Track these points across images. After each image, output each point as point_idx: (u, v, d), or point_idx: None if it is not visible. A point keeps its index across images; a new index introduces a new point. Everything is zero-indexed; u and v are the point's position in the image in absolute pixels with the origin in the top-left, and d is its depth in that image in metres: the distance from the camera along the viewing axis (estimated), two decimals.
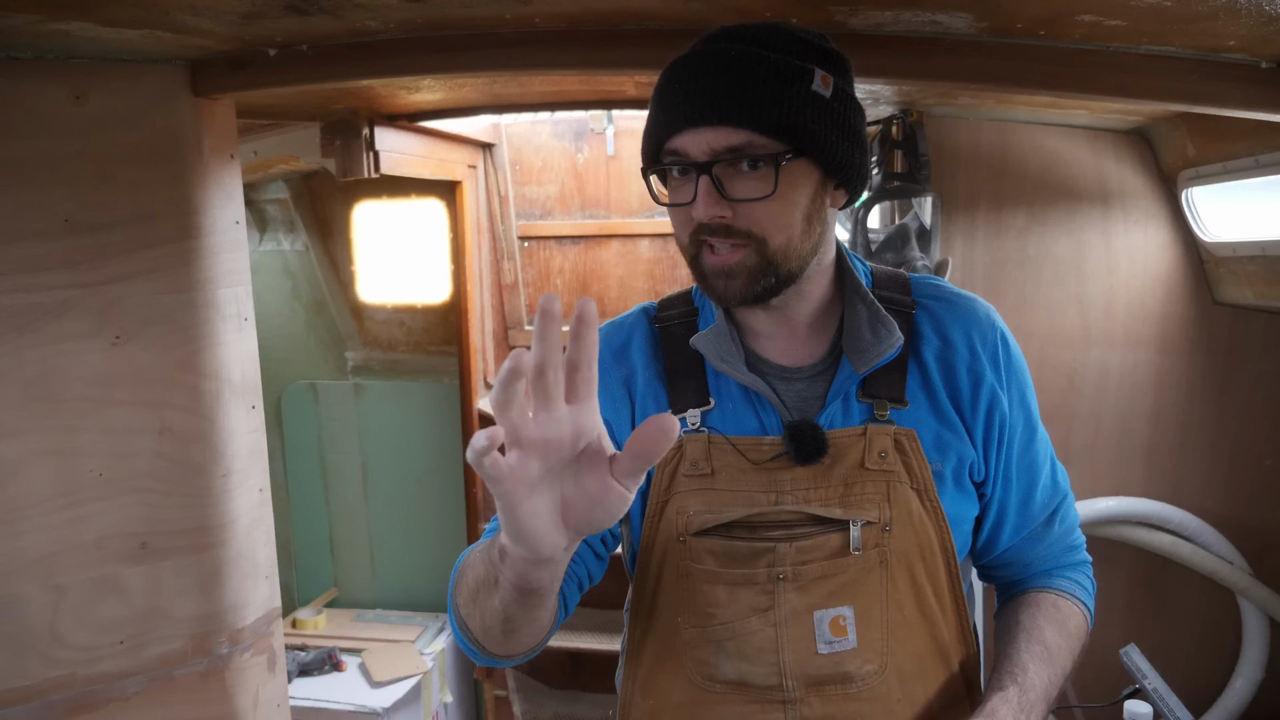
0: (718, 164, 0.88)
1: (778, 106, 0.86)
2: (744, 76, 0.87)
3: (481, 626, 0.88)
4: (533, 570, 0.71)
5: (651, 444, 0.60)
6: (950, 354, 1.00)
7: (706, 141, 0.88)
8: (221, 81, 1.50)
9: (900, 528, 0.96)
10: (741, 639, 0.97)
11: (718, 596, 0.98)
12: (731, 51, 0.88)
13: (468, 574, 0.89)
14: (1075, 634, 1.04)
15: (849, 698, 0.96)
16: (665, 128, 0.90)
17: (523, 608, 0.80)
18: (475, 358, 3.22)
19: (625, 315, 1.10)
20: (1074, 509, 1.11)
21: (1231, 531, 2.10)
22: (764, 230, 0.89)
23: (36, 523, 1.43)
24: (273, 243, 3.45)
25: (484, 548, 0.84)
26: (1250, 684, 2.10)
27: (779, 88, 0.87)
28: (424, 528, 3.48)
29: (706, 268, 0.92)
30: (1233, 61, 1.18)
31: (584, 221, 3.28)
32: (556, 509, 0.64)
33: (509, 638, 0.87)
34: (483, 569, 0.83)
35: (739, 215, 0.89)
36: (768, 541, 0.97)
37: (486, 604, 0.83)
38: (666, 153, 0.91)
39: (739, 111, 0.86)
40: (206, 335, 1.58)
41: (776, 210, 0.89)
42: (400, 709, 2.88)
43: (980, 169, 2.12)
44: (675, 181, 0.93)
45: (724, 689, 0.99)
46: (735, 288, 0.91)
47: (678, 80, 0.90)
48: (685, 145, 0.89)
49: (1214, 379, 2.10)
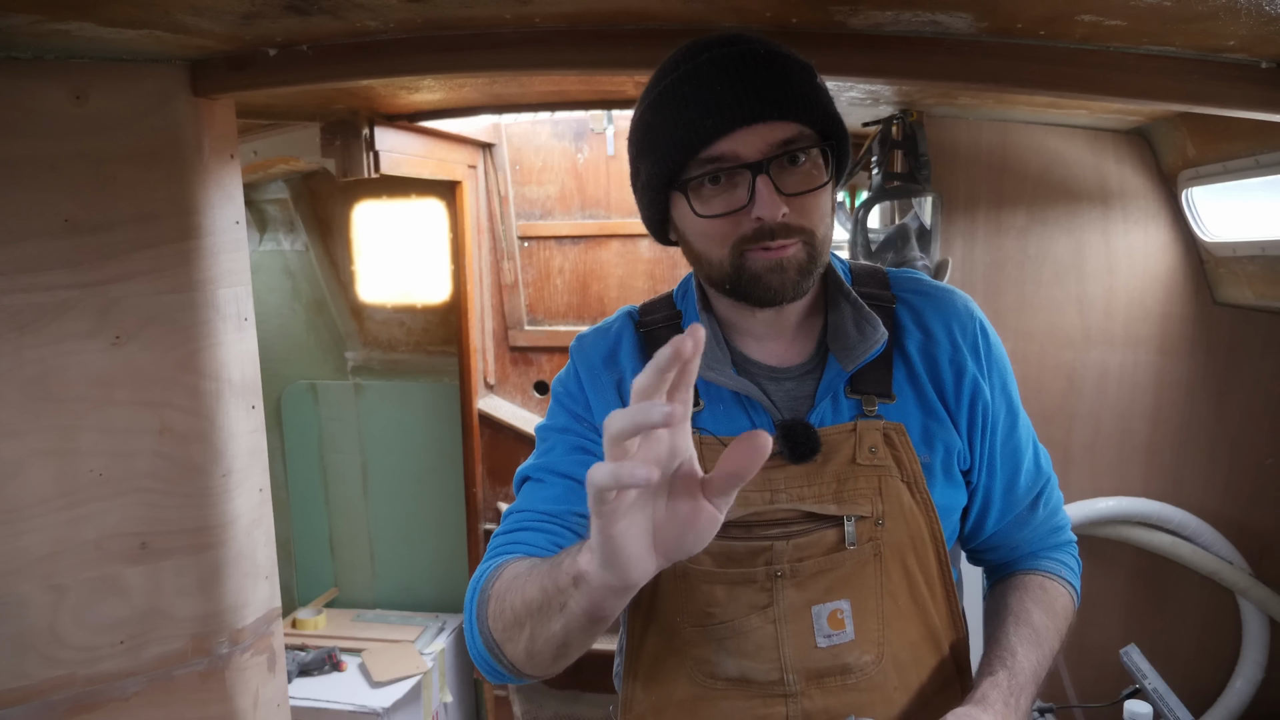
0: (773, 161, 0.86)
1: (816, 97, 0.88)
2: (785, 68, 0.87)
3: (528, 651, 0.83)
4: (612, 598, 0.69)
5: (746, 461, 0.60)
6: (932, 346, 1.01)
7: (761, 138, 0.86)
8: (221, 81, 1.50)
9: (892, 520, 0.98)
10: (742, 636, 0.98)
11: (717, 596, 0.99)
12: (759, 50, 0.87)
13: (510, 597, 0.84)
14: (1062, 613, 1.07)
15: (848, 688, 0.98)
16: (706, 133, 0.86)
17: (586, 634, 0.77)
18: (475, 358, 3.22)
19: (610, 320, 1.10)
20: (1058, 491, 1.13)
21: (1231, 531, 2.10)
22: (812, 222, 0.90)
23: (36, 523, 1.43)
24: (273, 243, 3.46)
25: (540, 571, 0.80)
26: (1250, 684, 2.10)
27: (808, 80, 0.89)
28: (424, 528, 3.48)
29: (759, 267, 0.90)
30: (1233, 61, 1.18)
31: (584, 221, 3.28)
32: (648, 533, 0.64)
33: (558, 662, 0.83)
34: (539, 594, 0.78)
35: (792, 210, 0.88)
36: (764, 540, 0.98)
37: (542, 630, 0.79)
38: (703, 161, 0.87)
39: (789, 105, 0.86)
40: (206, 335, 1.58)
41: (821, 201, 0.90)
42: (400, 709, 2.88)
43: (980, 169, 2.12)
44: (709, 191, 0.89)
45: (725, 685, 1.00)
46: (789, 282, 0.90)
47: (713, 83, 0.86)
48: (735, 147, 0.86)
49: (1214, 379, 2.10)
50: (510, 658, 0.86)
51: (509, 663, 0.87)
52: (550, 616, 0.77)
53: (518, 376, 3.39)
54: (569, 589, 0.73)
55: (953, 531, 1.05)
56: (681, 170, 0.89)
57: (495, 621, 0.86)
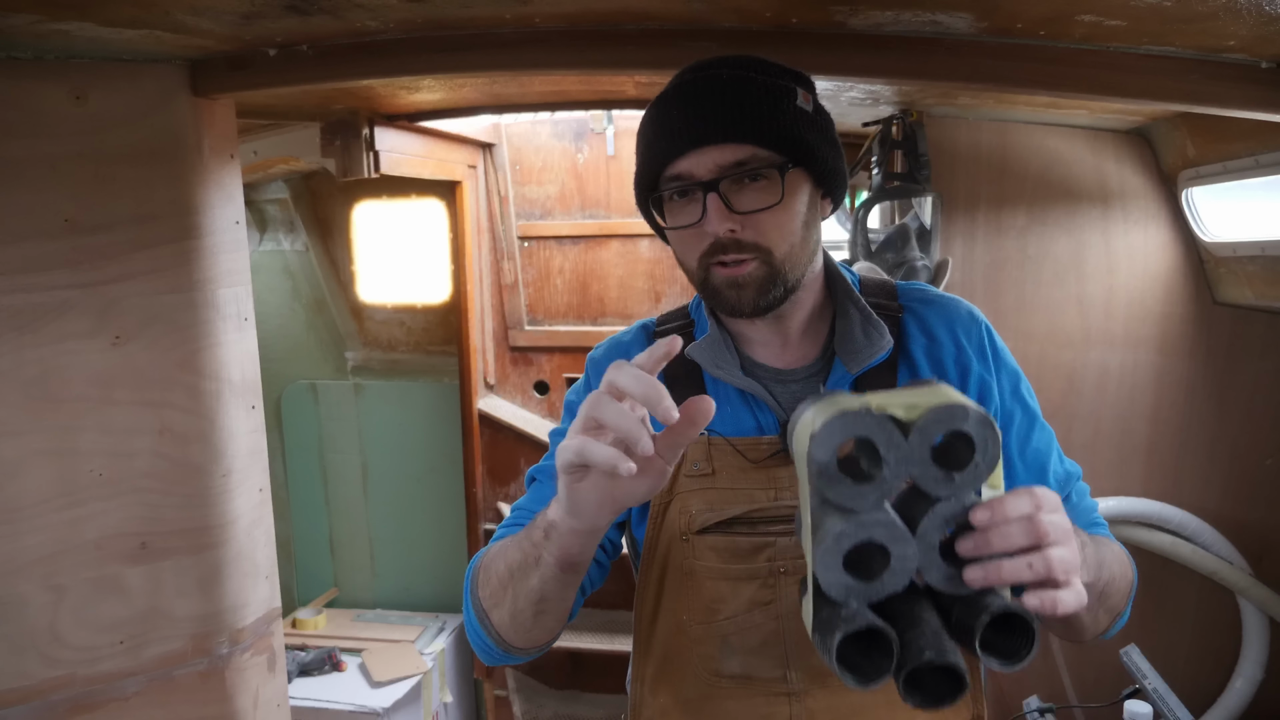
0: (723, 180, 0.92)
1: (774, 120, 0.92)
2: (740, 96, 0.92)
3: (511, 613, 0.91)
4: (578, 543, 0.80)
5: (688, 422, 0.70)
6: (937, 349, 1.03)
7: (712, 159, 0.92)
8: (221, 81, 1.50)
9: None
10: (745, 633, 1.00)
11: (721, 592, 1.01)
12: (723, 75, 0.93)
13: (496, 564, 0.93)
14: (1121, 555, 1.01)
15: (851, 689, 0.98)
16: (666, 154, 0.93)
17: (559, 584, 0.85)
18: (475, 358, 3.22)
19: (624, 332, 1.14)
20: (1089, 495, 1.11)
21: (1231, 531, 2.10)
22: (769, 241, 0.93)
23: (36, 523, 1.43)
24: (273, 243, 3.46)
25: (519, 536, 0.89)
26: (1250, 684, 2.10)
27: (772, 104, 0.92)
28: (424, 528, 3.49)
29: (718, 281, 0.95)
30: (1233, 61, 1.18)
31: (584, 221, 3.28)
32: (605, 487, 0.74)
33: (538, 620, 0.90)
34: (518, 554, 0.87)
35: (746, 227, 0.92)
36: (768, 536, 1.00)
37: (521, 587, 0.87)
38: (667, 180, 0.95)
39: (740, 127, 0.91)
40: (206, 335, 1.58)
41: (781, 220, 0.93)
42: (400, 709, 2.88)
43: (980, 169, 2.12)
44: (677, 205, 0.96)
45: (730, 683, 1.01)
46: (747, 298, 0.94)
47: (674, 107, 0.94)
48: (689, 167, 0.92)
49: (1214, 379, 2.10)
50: (496, 625, 0.93)
51: (495, 632, 0.94)
52: (529, 573, 0.86)
53: (518, 376, 3.39)
54: (541, 542, 0.82)
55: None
56: (656, 185, 0.97)
57: (483, 589, 0.94)
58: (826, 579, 0.66)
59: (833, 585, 0.67)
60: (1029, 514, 0.67)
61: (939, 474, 0.65)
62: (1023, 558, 0.66)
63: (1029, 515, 0.67)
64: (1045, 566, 0.66)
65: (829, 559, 0.66)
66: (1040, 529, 0.67)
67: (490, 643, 0.95)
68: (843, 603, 0.68)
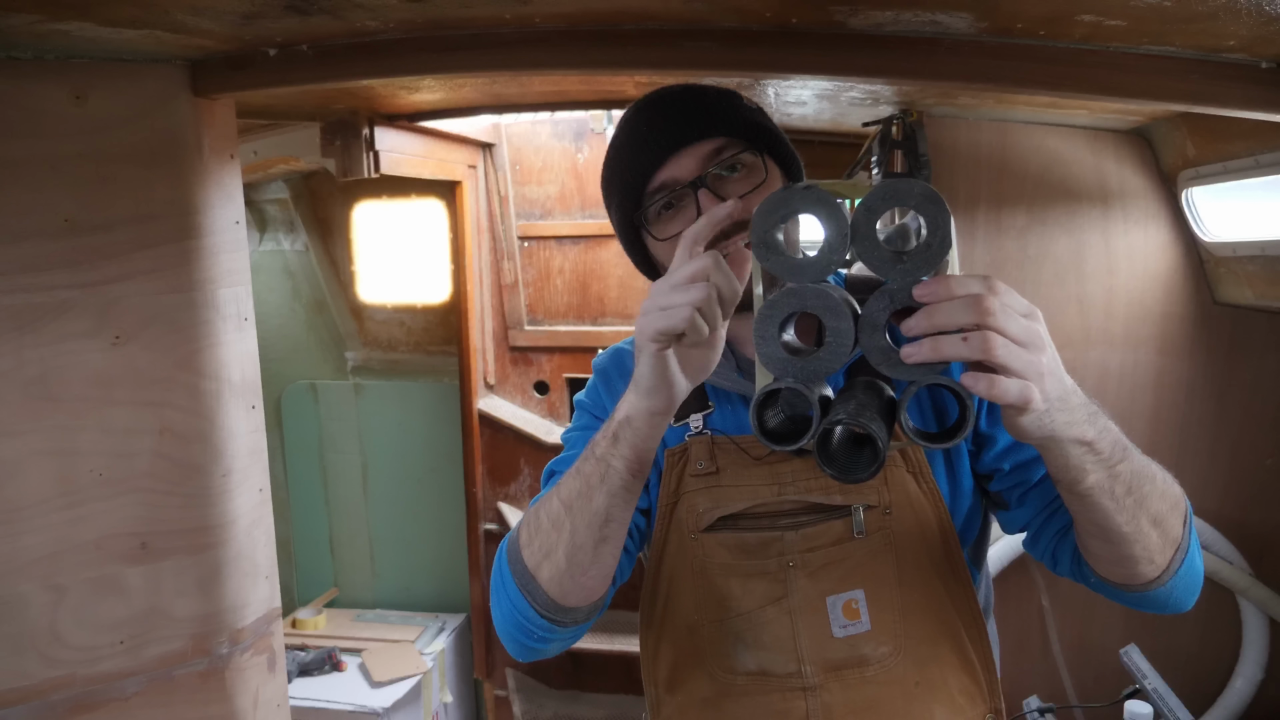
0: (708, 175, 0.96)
1: (736, 113, 0.99)
2: (699, 99, 1.00)
3: (569, 551, 0.87)
4: (651, 431, 0.82)
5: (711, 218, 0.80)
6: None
7: (692, 158, 0.96)
8: (221, 81, 1.50)
9: (900, 510, 1.00)
10: (758, 629, 1.01)
11: (732, 589, 1.02)
12: (676, 90, 1.02)
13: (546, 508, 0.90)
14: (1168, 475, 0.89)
15: (867, 682, 0.99)
16: (647, 166, 0.98)
17: (625, 498, 0.85)
18: (475, 358, 3.22)
19: (627, 340, 1.16)
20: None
21: (1231, 531, 2.10)
22: None
23: (36, 523, 1.43)
24: (273, 243, 3.46)
25: (574, 466, 0.89)
26: (1250, 684, 2.10)
27: (728, 102, 1.01)
28: (424, 528, 3.49)
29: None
30: (1233, 61, 1.18)
31: (584, 221, 3.28)
32: (684, 354, 0.79)
33: (597, 554, 0.87)
34: (576, 482, 0.87)
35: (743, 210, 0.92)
36: (775, 531, 1.01)
37: (582, 517, 0.86)
38: (652, 194, 0.98)
39: (710, 122, 0.97)
40: (206, 335, 1.58)
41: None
42: (400, 709, 2.88)
43: (980, 169, 2.12)
44: (666, 218, 0.99)
45: (745, 680, 1.02)
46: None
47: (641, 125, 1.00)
48: (672, 173, 0.97)
49: (1214, 379, 2.10)
50: (547, 581, 0.89)
51: (545, 593, 0.89)
52: (592, 494, 0.85)
53: (518, 376, 3.39)
54: (609, 452, 0.84)
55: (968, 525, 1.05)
56: (638, 208, 1.00)
57: (527, 548, 0.90)
58: (763, 352, 0.66)
59: (769, 359, 0.66)
60: (977, 293, 0.63)
61: (887, 254, 0.64)
62: (961, 334, 0.63)
63: (977, 295, 0.63)
64: (982, 343, 0.62)
65: (763, 327, 0.65)
66: (984, 306, 0.63)
67: (535, 613, 0.90)
68: (779, 378, 0.67)
